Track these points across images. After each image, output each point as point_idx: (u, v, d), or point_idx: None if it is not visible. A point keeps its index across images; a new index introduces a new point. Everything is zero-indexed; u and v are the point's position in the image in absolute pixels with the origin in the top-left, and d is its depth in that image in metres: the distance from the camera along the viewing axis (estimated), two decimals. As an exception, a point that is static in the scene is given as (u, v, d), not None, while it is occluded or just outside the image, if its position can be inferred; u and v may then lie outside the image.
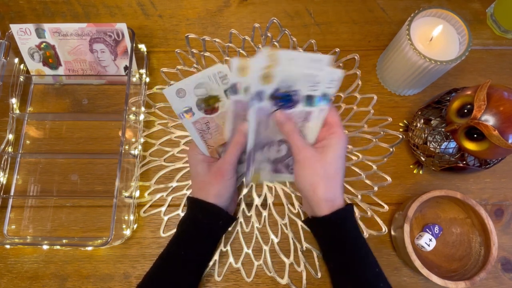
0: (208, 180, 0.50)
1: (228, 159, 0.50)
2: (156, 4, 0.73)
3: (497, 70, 0.68)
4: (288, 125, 0.47)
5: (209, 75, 0.49)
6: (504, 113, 0.47)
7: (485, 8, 0.71)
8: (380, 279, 0.45)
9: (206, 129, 0.52)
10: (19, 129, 0.65)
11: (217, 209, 0.50)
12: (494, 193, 0.62)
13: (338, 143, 0.46)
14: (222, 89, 0.49)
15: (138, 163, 0.62)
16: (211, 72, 0.49)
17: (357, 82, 0.66)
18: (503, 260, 0.59)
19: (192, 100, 0.50)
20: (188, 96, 0.49)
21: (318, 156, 0.46)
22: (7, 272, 0.58)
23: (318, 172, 0.45)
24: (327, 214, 0.45)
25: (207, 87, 0.49)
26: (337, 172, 0.46)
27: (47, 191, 0.62)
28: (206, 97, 0.50)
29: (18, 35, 0.62)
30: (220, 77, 0.48)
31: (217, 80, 0.49)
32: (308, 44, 0.69)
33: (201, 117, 0.51)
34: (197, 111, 0.50)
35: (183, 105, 0.50)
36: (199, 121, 0.51)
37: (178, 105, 0.50)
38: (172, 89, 0.48)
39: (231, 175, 0.50)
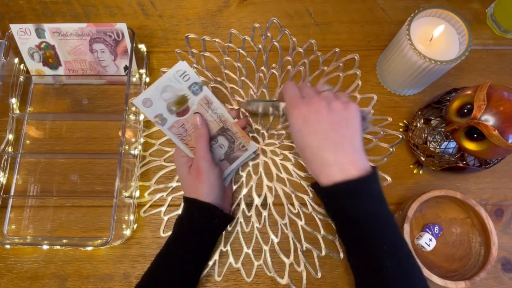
0: (191, 181, 0.51)
1: (199, 156, 0.51)
2: (156, 4, 0.73)
3: (497, 70, 0.68)
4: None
5: (169, 77, 0.49)
6: (504, 113, 0.47)
7: (485, 8, 0.71)
8: (388, 258, 0.41)
9: (184, 131, 0.52)
10: (19, 129, 0.65)
11: (212, 208, 0.50)
12: (494, 193, 0.62)
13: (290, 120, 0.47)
14: (186, 86, 0.50)
15: (138, 163, 0.62)
16: (171, 73, 0.49)
17: (357, 82, 0.66)
18: (503, 260, 0.59)
19: (161, 106, 0.50)
20: (156, 104, 0.50)
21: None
22: (7, 272, 0.58)
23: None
24: (327, 186, 0.44)
25: (173, 89, 0.49)
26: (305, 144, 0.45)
27: (47, 191, 0.62)
28: (175, 99, 0.50)
29: (18, 35, 0.62)
30: (180, 75, 0.49)
31: (178, 79, 0.49)
32: (308, 44, 0.69)
33: (175, 120, 0.51)
34: (169, 116, 0.51)
35: (153, 113, 0.50)
36: (174, 125, 0.51)
37: (149, 113, 0.50)
38: (138, 100, 0.49)
39: (208, 170, 0.51)
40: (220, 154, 0.56)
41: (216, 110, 0.52)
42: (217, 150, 0.54)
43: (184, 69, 0.49)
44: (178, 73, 0.49)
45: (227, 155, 0.56)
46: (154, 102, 0.49)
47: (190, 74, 0.49)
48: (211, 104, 0.51)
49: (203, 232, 0.51)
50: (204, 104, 0.51)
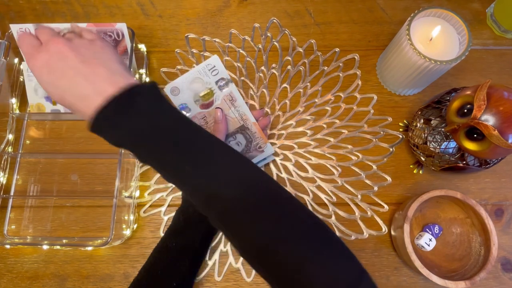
0: None
1: None
2: (156, 4, 0.73)
3: (497, 70, 0.68)
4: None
5: (199, 70, 0.49)
6: (504, 113, 0.47)
7: (485, 8, 0.71)
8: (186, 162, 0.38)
9: (204, 123, 0.52)
10: (19, 129, 0.65)
11: None
12: (494, 193, 0.62)
13: (35, 74, 0.40)
14: (213, 80, 0.50)
15: (138, 163, 0.62)
16: (201, 66, 0.49)
17: (357, 82, 0.66)
18: (503, 260, 0.59)
19: (187, 96, 0.50)
20: (182, 93, 0.50)
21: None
22: (7, 272, 0.58)
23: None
24: (90, 118, 0.39)
25: (201, 82, 0.50)
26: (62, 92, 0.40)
27: (47, 191, 0.62)
28: (203, 92, 0.50)
29: (18, 35, 0.62)
30: (209, 69, 0.49)
31: (207, 73, 0.49)
32: (308, 44, 0.69)
33: (198, 112, 0.51)
34: (194, 107, 0.51)
35: (178, 103, 0.50)
36: (197, 116, 0.51)
37: (175, 102, 0.50)
38: (167, 87, 0.49)
39: None
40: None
41: (239, 108, 0.52)
42: (234, 147, 0.54)
43: (214, 63, 0.49)
44: (208, 67, 0.49)
45: (242, 153, 0.56)
46: (182, 91, 0.49)
47: (219, 69, 0.49)
48: (234, 101, 0.51)
49: (197, 224, 0.51)
50: (228, 100, 0.51)
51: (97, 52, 0.40)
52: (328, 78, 0.67)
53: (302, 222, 0.38)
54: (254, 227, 0.37)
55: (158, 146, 0.38)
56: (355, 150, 0.63)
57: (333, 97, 0.66)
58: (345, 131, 0.64)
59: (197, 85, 0.50)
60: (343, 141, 0.64)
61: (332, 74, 0.67)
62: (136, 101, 0.38)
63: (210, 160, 0.38)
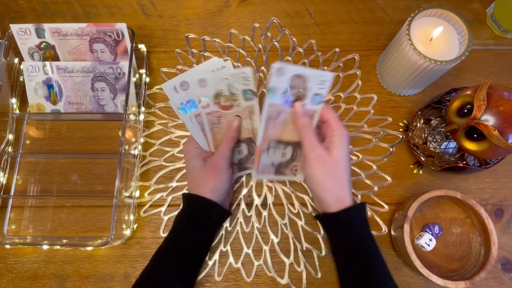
0: (204, 175, 0.51)
1: (221, 154, 0.51)
2: (156, 4, 0.73)
3: (497, 70, 0.68)
4: (304, 119, 0.48)
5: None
6: (504, 113, 0.47)
7: (485, 8, 0.71)
8: (388, 278, 0.45)
9: (217, 123, 0.52)
10: (19, 129, 0.65)
11: (212, 204, 0.50)
12: (494, 193, 0.62)
13: (342, 141, 0.47)
14: (241, 89, 0.49)
15: (138, 163, 0.62)
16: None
17: (357, 82, 0.66)
18: (503, 260, 0.59)
19: (195, 93, 0.50)
20: (192, 89, 0.49)
21: (327, 155, 0.46)
22: (7, 272, 0.58)
23: (328, 173, 0.46)
24: (335, 212, 0.46)
25: (229, 83, 0.49)
26: (345, 170, 0.47)
27: (47, 191, 0.62)
28: (227, 94, 0.50)
29: (18, 35, 0.62)
30: (242, 77, 0.48)
31: (238, 80, 0.49)
32: (308, 44, 0.69)
33: (216, 110, 0.51)
34: (213, 104, 0.51)
35: (185, 98, 0.50)
36: (213, 114, 0.51)
37: (176, 99, 0.50)
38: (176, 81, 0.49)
39: (226, 169, 0.51)
40: (235, 158, 0.56)
41: (254, 122, 0.52)
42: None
43: (249, 75, 0.48)
44: (242, 75, 0.48)
45: (240, 162, 0.56)
46: (191, 86, 0.49)
47: (251, 81, 0.49)
48: (252, 115, 0.51)
49: (202, 227, 0.51)
50: (247, 111, 0.50)
51: (349, 155, 0.49)
52: (328, 78, 0.67)
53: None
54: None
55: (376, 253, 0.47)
56: (355, 150, 0.63)
57: (333, 97, 0.66)
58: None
59: (222, 85, 0.49)
60: (343, 141, 0.64)
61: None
62: (365, 214, 0.48)
63: None
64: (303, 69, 0.46)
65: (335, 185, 0.46)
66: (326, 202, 0.47)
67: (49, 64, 0.63)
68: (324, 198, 0.47)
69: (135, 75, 0.65)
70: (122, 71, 0.62)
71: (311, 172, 0.47)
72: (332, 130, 0.47)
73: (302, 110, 0.48)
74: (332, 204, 0.46)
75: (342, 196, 0.46)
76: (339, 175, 0.46)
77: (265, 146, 0.51)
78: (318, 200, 0.49)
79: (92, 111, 0.64)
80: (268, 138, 0.50)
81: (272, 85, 0.46)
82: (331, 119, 0.48)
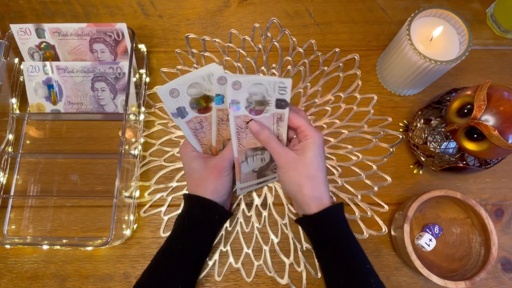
0: (205, 176, 0.51)
1: (226, 156, 0.51)
2: (156, 4, 0.73)
3: (497, 70, 0.68)
4: (264, 133, 0.48)
5: (202, 76, 0.49)
6: (504, 113, 0.47)
7: (485, 8, 0.71)
8: (371, 275, 0.46)
9: (200, 128, 0.52)
10: (19, 129, 0.65)
11: (213, 205, 0.50)
12: (494, 193, 0.62)
13: (314, 142, 0.47)
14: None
15: (138, 163, 0.62)
16: (204, 73, 0.49)
17: (357, 82, 0.66)
18: (503, 260, 0.59)
19: (185, 99, 0.50)
20: (182, 96, 0.49)
21: (299, 157, 0.47)
22: (7, 272, 0.58)
23: (302, 173, 0.47)
24: (316, 212, 0.46)
25: (201, 87, 0.49)
26: (318, 170, 0.47)
27: (47, 191, 0.62)
28: (200, 96, 0.50)
29: (18, 35, 0.62)
30: (279, 86, 0.48)
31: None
32: (308, 44, 0.69)
33: (194, 116, 0.51)
34: (190, 110, 0.51)
35: (176, 105, 0.50)
36: (193, 120, 0.51)
37: (171, 104, 0.50)
38: (166, 88, 0.49)
39: (228, 171, 0.51)
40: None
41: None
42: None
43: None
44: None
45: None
46: (181, 93, 0.49)
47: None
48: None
49: (203, 227, 0.51)
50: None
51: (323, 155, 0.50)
52: (328, 78, 0.67)
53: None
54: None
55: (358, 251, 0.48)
56: (355, 150, 0.63)
57: (333, 97, 0.66)
58: (345, 131, 0.64)
59: (195, 90, 0.49)
60: (343, 141, 0.64)
61: (332, 74, 0.67)
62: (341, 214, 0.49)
63: None
64: (258, 78, 0.47)
65: (311, 183, 0.47)
66: (304, 201, 0.47)
67: (49, 64, 0.63)
68: (302, 198, 0.47)
69: (135, 75, 0.65)
70: (122, 71, 0.62)
71: (286, 175, 0.48)
72: (305, 135, 0.48)
73: (257, 127, 0.48)
74: (311, 204, 0.47)
75: (320, 195, 0.47)
76: (314, 173, 0.47)
77: (242, 157, 0.51)
78: (297, 202, 0.50)
79: (92, 111, 0.64)
80: (244, 149, 0.51)
81: (234, 98, 0.46)
82: (302, 126, 0.48)
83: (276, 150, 0.48)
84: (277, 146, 0.48)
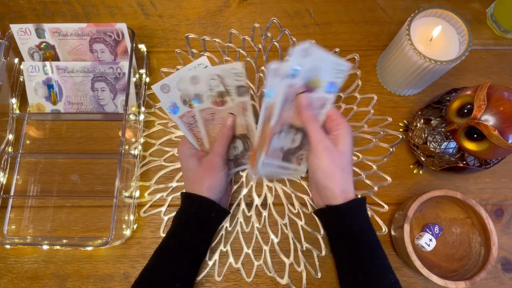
0: (200, 174, 0.51)
1: (217, 152, 0.51)
2: (156, 4, 0.73)
3: (497, 70, 0.68)
4: (308, 112, 0.48)
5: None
6: (504, 113, 0.47)
7: (485, 8, 0.71)
8: (390, 271, 0.46)
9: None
10: (19, 129, 0.65)
11: (209, 202, 0.51)
12: (494, 193, 0.62)
13: (347, 135, 0.48)
14: (234, 85, 0.50)
15: (138, 163, 0.62)
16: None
17: (357, 82, 0.66)
18: (503, 260, 0.59)
19: (176, 95, 0.51)
20: (172, 91, 0.50)
21: (335, 147, 0.47)
22: (7, 272, 0.58)
23: (337, 163, 0.47)
24: (343, 203, 0.46)
25: (222, 80, 0.50)
26: (350, 163, 0.48)
27: (47, 191, 0.62)
28: (220, 90, 0.50)
29: (18, 35, 0.62)
30: (233, 73, 0.49)
31: (230, 76, 0.49)
32: (308, 44, 0.69)
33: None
34: (182, 105, 0.51)
35: (168, 100, 0.50)
36: (186, 115, 0.52)
37: (164, 100, 0.51)
38: (157, 84, 0.49)
39: (221, 167, 0.52)
40: (231, 155, 0.56)
41: (247, 118, 0.52)
42: (230, 150, 0.55)
43: (240, 70, 0.49)
44: (233, 71, 0.48)
45: (236, 157, 0.57)
46: (172, 89, 0.50)
47: (243, 76, 0.49)
48: (246, 111, 0.52)
49: (200, 225, 0.51)
50: (240, 108, 0.51)
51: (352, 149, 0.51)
52: (328, 78, 0.67)
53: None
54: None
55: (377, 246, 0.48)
56: (355, 150, 0.63)
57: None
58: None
59: (215, 82, 0.50)
60: (343, 141, 0.64)
61: (332, 74, 0.67)
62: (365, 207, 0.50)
63: None
64: (326, 54, 0.46)
65: (342, 176, 0.47)
66: (332, 192, 0.47)
67: (49, 64, 0.63)
68: (331, 188, 0.47)
69: (135, 75, 0.65)
70: (122, 71, 0.62)
71: (320, 162, 0.47)
72: (337, 124, 0.48)
73: (307, 102, 0.47)
74: (339, 195, 0.47)
75: (347, 188, 0.47)
76: (345, 167, 0.47)
77: (278, 128, 0.50)
78: (324, 191, 0.48)
79: (92, 111, 0.64)
80: (282, 121, 0.50)
81: (294, 66, 0.45)
82: (335, 114, 0.48)
83: (316, 133, 0.47)
84: (318, 129, 0.47)
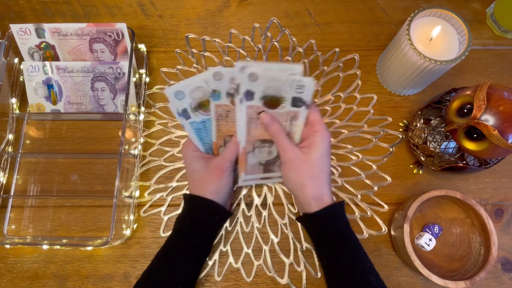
0: (207, 177, 0.51)
1: (227, 157, 0.51)
2: (156, 4, 0.73)
3: (497, 70, 0.68)
4: (274, 126, 0.48)
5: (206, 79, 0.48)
6: (504, 113, 0.47)
7: (485, 8, 0.71)
8: (372, 274, 0.46)
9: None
10: (19, 129, 0.65)
11: (215, 205, 0.51)
12: (494, 193, 0.62)
13: (321, 141, 0.47)
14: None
15: (138, 163, 0.62)
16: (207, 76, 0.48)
17: (357, 82, 0.66)
18: (503, 260, 0.59)
19: (189, 102, 0.50)
20: (186, 98, 0.49)
21: (304, 156, 0.47)
22: (7, 272, 0.58)
23: (305, 172, 0.47)
24: (317, 211, 0.46)
25: (205, 90, 0.49)
26: (323, 170, 0.47)
27: (47, 191, 0.62)
28: (205, 99, 0.50)
29: (18, 35, 0.62)
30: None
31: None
32: (308, 44, 0.69)
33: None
34: (194, 113, 0.51)
35: (181, 106, 0.50)
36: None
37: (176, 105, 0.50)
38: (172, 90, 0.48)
39: (229, 172, 0.51)
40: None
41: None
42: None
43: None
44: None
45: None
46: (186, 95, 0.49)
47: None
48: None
49: (205, 228, 0.51)
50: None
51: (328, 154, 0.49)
52: (328, 78, 0.67)
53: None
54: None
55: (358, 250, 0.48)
56: (355, 150, 0.63)
57: (333, 97, 0.66)
58: (345, 131, 0.64)
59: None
60: (343, 141, 0.64)
61: (332, 74, 0.67)
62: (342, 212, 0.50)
63: None
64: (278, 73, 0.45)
65: (313, 184, 0.47)
66: (305, 201, 0.47)
67: (49, 64, 0.63)
68: (303, 197, 0.47)
69: (135, 75, 0.65)
70: (122, 71, 0.62)
71: (288, 173, 0.48)
72: (314, 131, 0.47)
73: (269, 118, 0.47)
74: (312, 203, 0.47)
75: (321, 195, 0.47)
76: (317, 174, 0.47)
77: (250, 147, 0.51)
78: (298, 201, 0.49)
79: (92, 111, 0.64)
80: (252, 139, 0.50)
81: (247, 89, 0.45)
82: (316, 121, 0.48)
83: (283, 145, 0.47)
84: (284, 142, 0.48)
